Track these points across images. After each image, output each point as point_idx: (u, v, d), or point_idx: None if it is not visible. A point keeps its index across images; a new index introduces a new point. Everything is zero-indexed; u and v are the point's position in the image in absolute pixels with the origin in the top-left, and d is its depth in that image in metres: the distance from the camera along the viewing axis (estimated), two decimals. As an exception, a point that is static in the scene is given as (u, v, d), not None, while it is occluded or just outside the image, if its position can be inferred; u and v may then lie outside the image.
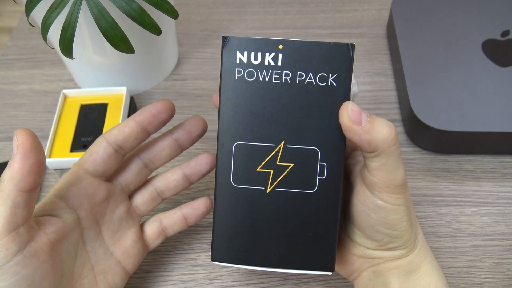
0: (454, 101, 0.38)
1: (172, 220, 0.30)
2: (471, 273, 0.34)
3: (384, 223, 0.25)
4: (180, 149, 0.29)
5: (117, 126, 0.27)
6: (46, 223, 0.25)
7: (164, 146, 0.29)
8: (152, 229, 0.30)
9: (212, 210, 0.30)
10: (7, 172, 0.22)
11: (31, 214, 0.23)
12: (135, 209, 0.30)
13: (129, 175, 0.29)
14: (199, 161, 0.30)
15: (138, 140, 0.27)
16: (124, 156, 0.28)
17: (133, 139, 0.27)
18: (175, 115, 0.46)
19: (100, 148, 0.27)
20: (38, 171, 0.22)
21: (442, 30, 0.44)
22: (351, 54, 0.24)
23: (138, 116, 0.27)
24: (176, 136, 0.29)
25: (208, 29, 0.53)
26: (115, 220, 0.28)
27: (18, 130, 0.22)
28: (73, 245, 0.26)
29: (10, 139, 0.43)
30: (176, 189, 0.30)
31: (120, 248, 0.29)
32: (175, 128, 0.29)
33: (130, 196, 0.30)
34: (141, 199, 0.30)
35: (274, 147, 0.25)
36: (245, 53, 0.24)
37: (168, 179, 0.30)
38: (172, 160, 0.30)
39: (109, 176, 0.28)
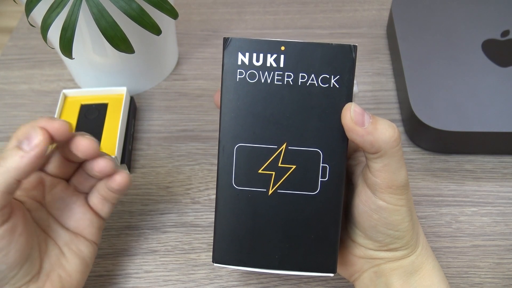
0: (454, 101, 0.38)
1: (101, 189, 0.31)
2: (471, 273, 0.34)
3: (385, 224, 0.25)
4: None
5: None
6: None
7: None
8: (92, 200, 0.31)
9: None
10: (14, 159, 0.24)
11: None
12: (74, 188, 0.31)
13: (52, 167, 0.30)
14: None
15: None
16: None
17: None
18: (175, 115, 0.46)
19: None
20: (39, 165, 0.24)
21: (442, 30, 0.44)
22: (354, 55, 0.24)
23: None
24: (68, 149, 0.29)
25: (208, 29, 0.53)
26: (58, 199, 0.30)
27: (40, 124, 0.25)
28: (31, 223, 0.27)
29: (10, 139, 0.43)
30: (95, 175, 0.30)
31: (72, 222, 0.30)
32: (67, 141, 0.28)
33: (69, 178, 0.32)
34: (76, 179, 0.31)
35: (276, 149, 0.25)
36: (247, 54, 0.24)
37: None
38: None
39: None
